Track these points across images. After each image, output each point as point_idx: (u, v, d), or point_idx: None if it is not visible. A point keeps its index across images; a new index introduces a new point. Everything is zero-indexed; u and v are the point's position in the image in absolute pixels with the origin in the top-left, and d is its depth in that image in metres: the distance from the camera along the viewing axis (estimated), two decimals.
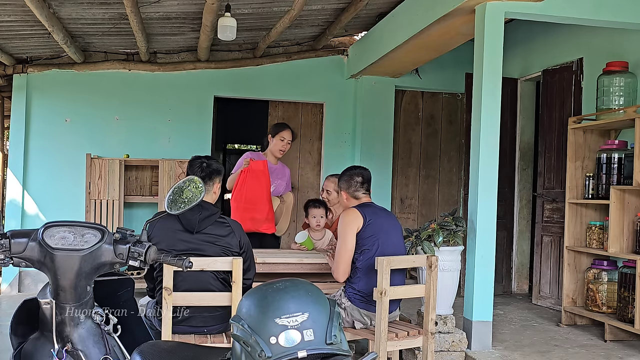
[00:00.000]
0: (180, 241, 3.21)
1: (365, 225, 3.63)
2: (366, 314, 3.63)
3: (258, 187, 4.81)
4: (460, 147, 7.47)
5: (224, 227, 3.31)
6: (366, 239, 3.62)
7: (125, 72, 6.97)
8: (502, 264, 6.70)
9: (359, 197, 3.84)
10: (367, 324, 3.65)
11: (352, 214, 3.68)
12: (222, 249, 3.26)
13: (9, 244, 1.88)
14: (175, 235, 3.22)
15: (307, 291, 1.43)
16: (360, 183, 3.84)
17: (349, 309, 3.65)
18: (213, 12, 5.21)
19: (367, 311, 3.62)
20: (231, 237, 3.30)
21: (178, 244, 3.21)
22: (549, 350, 4.50)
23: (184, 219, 3.20)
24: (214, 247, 3.25)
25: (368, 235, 3.63)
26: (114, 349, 1.99)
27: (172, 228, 3.23)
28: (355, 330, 3.67)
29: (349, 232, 3.63)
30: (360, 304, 3.64)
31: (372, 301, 3.52)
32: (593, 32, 5.60)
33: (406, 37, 5.58)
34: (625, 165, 4.88)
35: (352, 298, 3.65)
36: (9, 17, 5.32)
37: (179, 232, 3.22)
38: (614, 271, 4.98)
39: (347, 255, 3.63)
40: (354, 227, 3.63)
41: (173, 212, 2.26)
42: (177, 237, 3.22)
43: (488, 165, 4.53)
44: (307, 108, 7.58)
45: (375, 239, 3.63)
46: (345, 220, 3.68)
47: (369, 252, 3.61)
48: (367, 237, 3.63)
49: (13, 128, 6.84)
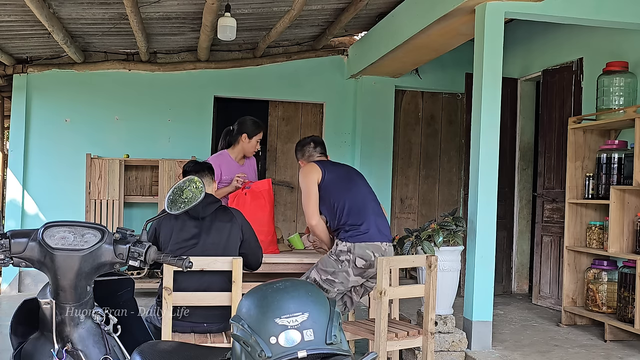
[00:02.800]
0: (190, 227, 3.35)
1: (325, 175, 3.78)
2: (365, 246, 3.66)
3: (261, 208, 4.32)
4: (460, 147, 7.47)
5: (227, 213, 3.48)
6: (333, 186, 3.77)
7: (125, 72, 6.97)
8: (502, 264, 6.70)
9: (315, 159, 3.98)
10: (371, 257, 3.66)
11: (309, 167, 3.86)
12: (228, 230, 3.41)
13: (9, 244, 1.88)
14: (184, 223, 3.36)
15: (307, 291, 1.43)
16: (313, 147, 4.01)
17: (351, 250, 3.67)
18: (213, 12, 5.22)
19: (366, 242, 3.67)
20: (234, 222, 3.45)
21: (187, 229, 3.35)
22: (549, 350, 4.50)
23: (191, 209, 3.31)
24: (221, 229, 3.40)
25: (333, 182, 3.77)
26: (114, 349, 1.99)
27: (179, 218, 3.34)
28: (355, 330, 3.67)
29: (311, 182, 3.78)
30: (357, 239, 3.68)
31: (366, 232, 3.67)
32: (593, 32, 5.60)
33: (406, 37, 5.58)
34: (625, 165, 4.88)
35: (348, 237, 3.69)
36: (9, 17, 5.32)
37: (186, 220, 3.36)
38: (614, 271, 4.98)
39: (313, 200, 3.76)
40: (314, 178, 3.78)
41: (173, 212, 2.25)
42: (186, 224, 3.36)
43: (488, 165, 4.53)
44: (307, 108, 7.58)
45: (342, 182, 3.79)
46: (304, 172, 3.85)
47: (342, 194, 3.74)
48: (333, 184, 3.77)
49: (13, 128, 6.84)
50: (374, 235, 3.70)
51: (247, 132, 4.75)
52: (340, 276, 3.67)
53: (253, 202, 4.28)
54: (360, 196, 3.81)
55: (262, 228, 4.27)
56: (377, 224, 3.74)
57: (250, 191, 4.31)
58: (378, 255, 3.64)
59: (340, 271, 3.67)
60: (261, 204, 4.29)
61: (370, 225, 3.71)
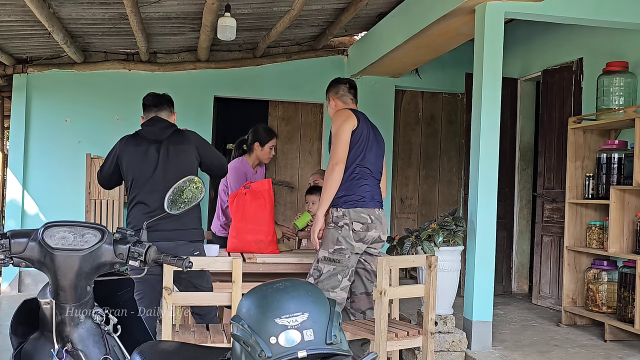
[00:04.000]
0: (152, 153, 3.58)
1: (358, 127, 3.74)
2: (360, 210, 3.70)
3: (261, 208, 4.35)
4: (460, 147, 7.47)
5: (181, 136, 3.67)
6: (360, 143, 3.74)
7: (125, 72, 6.97)
8: (502, 264, 6.70)
9: (346, 102, 3.93)
10: (367, 220, 3.70)
11: (348, 113, 3.78)
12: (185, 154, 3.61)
13: (9, 244, 1.88)
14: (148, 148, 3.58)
15: (307, 291, 1.43)
16: (348, 89, 3.95)
17: (346, 215, 3.69)
18: (213, 12, 5.22)
19: (361, 208, 3.71)
20: (189, 145, 3.63)
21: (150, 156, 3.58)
22: (549, 350, 4.50)
23: (148, 133, 3.61)
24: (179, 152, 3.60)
25: (361, 140, 3.75)
26: (114, 349, 1.99)
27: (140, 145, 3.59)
28: (355, 330, 3.67)
29: (346, 128, 3.71)
30: (350, 205, 3.71)
31: (364, 199, 3.71)
32: (593, 32, 5.60)
33: (406, 37, 5.57)
34: (625, 165, 4.88)
35: (342, 204, 3.72)
36: (9, 17, 5.32)
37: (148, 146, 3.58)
38: (614, 271, 4.98)
39: (344, 145, 3.69)
40: (350, 125, 3.72)
41: (173, 212, 2.26)
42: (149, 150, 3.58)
43: (488, 165, 4.53)
44: (307, 108, 7.58)
45: (362, 149, 3.76)
46: (341, 115, 3.77)
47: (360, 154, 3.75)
48: (361, 142, 3.75)
49: (13, 128, 6.84)
50: (368, 203, 3.76)
51: (259, 141, 5.02)
52: (345, 242, 3.69)
53: (253, 202, 4.29)
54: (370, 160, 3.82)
55: (262, 228, 4.29)
56: (372, 193, 3.80)
57: (250, 191, 4.31)
58: (373, 218, 3.72)
59: (343, 236, 3.69)
60: (261, 204, 4.29)
61: (365, 194, 3.76)
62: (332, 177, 3.69)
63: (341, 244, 3.69)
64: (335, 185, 3.71)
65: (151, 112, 3.74)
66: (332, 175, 3.69)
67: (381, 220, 3.79)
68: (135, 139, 3.65)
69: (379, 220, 3.77)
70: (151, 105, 3.75)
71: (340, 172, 3.70)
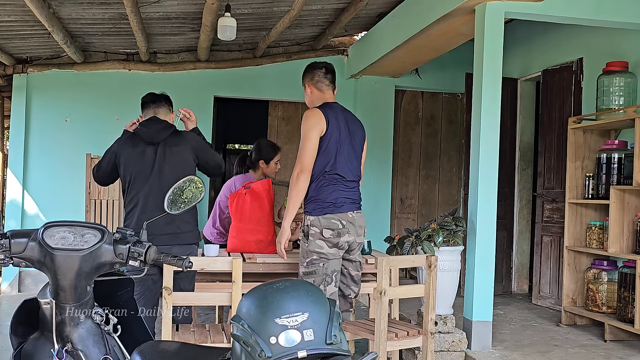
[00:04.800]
0: (150, 154, 3.60)
1: (328, 129, 3.57)
2: (330, 217, 3.52)
3: (261, 208, 4.35)
4: (460, 147, 7.47)
5: (179, 137, 3.68)
6: (331, 146, 3.57)
7: (125, 72, 6.97)
8: (502, 264, 6.70)
9: (322, 89, 3.75)
10: (338, 226, 3.51)
11: (316, 115, 3.61)
12: (181, 155, 3.63)
13: (9, 244, 1.88)
14: (145, 149, 3.61)
15: (307, 291, 1.43)
16: (324, 73, 3.76)
17: (315, 223, 3.53)
18: (213, 12, 5.22)
19: (331, 214, 3.53)
20: (185, 146, 3.64)
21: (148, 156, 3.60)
22: (549, 350, 4.50)
23: (145, 135, 3.62)
24: (175, 153, 3.62)
25: (331, 142, 3.57)
26: (114, 349, 1.98)
27: (138, 145, 3.62)
28: (355, 330, 3.67)
29: (313, 133, 3.56)
30: (320, 212, 3.54)
31: (334, 205, 3.54)
32: (593, 32, 5.60)
33: (406, 37, 5.58)
34: (625, 165, 4.88)
35: (312, 211, 3.56)
36: (9, 17, 5.32)
37: (145, 147, 3.61)
38: (614, 271, 4.98)
39: (310, 151, 3.54)
40: (318, 130, 3.57)
41: (173, 212, 2.25)
42: (146, 151, 3.60)
43: (488, 165, 4.53)
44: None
45: (332, 154, 3.58)
46: (308, 117, 3.62)
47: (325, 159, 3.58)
48: (332, 145, 3.57)
49: (13, 128, 6.84)
50: (339, 208, 3.56)
51: (264, 159, 5.02)
52: (315, 253, 3.52)
53: (253, 202, 4.28)
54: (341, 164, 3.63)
55: (262, 228, 4.28)
56: (344, 197, 3.59)
57: (250, 191, 4.31)
58: (345, 222, 3.53)
59: (312, 248, 3.52)
60: (261, 204, 4.29)
61: (334, 200, 3.56)
62: (297, 187, 3.54)
63: (312, 256, 3.53)
64: (300, 195, 3.57)
65: (149, 110, 3.75)
66: (297, 185, 3.53)
67: (355, 223, 3.58)
68: (133, 140, 3.67)
69: (352, 223, 3.56)
70: (149, 103, 3.78)
71: (305, 181, 3.55)
